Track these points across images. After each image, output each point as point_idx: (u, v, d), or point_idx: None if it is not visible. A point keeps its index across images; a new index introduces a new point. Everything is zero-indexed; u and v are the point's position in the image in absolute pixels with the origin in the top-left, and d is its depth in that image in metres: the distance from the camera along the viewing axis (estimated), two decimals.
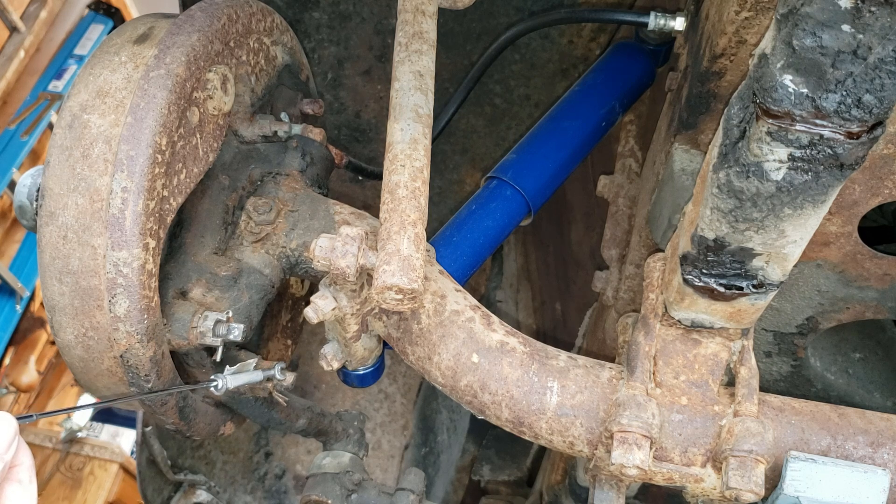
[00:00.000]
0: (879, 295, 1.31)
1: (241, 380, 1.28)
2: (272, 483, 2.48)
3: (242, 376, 1.28)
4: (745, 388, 1.16)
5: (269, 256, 1.35)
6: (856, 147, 0.87)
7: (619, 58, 1.77)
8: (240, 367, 1.29)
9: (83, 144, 1.16)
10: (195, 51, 1.22)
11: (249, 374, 1.29)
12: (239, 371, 1.28)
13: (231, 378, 1.26)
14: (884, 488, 1.09)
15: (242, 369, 1.29)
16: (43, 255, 1.16)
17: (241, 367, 1.30)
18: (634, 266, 1.54)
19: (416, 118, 1.25)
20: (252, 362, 1.31)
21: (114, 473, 5.32)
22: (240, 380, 1.27)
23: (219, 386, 1.25)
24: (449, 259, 1.54)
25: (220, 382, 1.25)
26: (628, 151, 1.80)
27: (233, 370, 1.28)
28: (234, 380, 1.27)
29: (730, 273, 1.06)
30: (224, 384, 1.25)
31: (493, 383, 1.21)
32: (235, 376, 1.27)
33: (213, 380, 1.25)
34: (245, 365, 1.30)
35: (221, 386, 1.25)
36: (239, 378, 1.27)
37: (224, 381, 1.25)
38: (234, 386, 1.26)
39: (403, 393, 2.69)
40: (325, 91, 2.26)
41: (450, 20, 2.11)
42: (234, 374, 1.27)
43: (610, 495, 1.25)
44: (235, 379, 1.27)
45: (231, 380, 1.26)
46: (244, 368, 1.29)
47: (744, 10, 1.04)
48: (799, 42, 0.80)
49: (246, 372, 1.29)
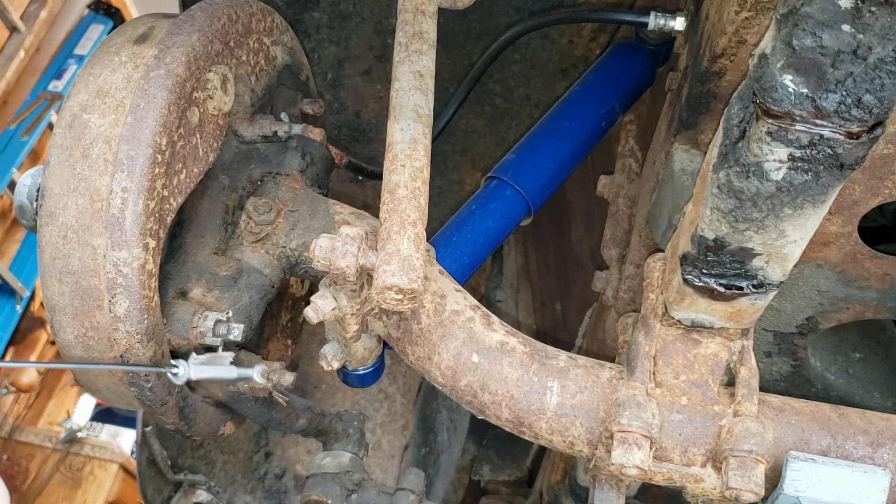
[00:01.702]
0: (879, 295, 1.31)
1: (207, 372, 1.17)
2: (272, 483, 2.48)
3: (210, 369, 1.18)
4: (745, 388, 1.16)
5: (269, 256, 1.35)
6: (856, 147, 0.87)
7: (619, 58, 1.77)
8: (210, 359, 1.19)
9: (83, 144, 1.16)
10: (195, 51, 1.22)
11: (219, 369, 1.19)
12: (209, 363, 1.18)
13: (195, 368, 1.16)
14: (884, 488, 1.09)
15: (214, 361, 1.19)
16: (43, 255, 1.16)
17: (213, 358, 1.20)
18: (634, 266, 1.54)
19: (416, 118, 1.25)
20: (228, 356, 1.21)
21: (114, 473, 5.33)
22: (206, 371, 1.17)
23: (179, 374, 1.15)
24: (449, 259, 1.54)
25: (182, 370, 1.15)
26: (628, 151, 1.80)
27: (201, 359, 1.18)
28: (199, 370, 1.16)
29: (730, 273, 1.06)
30: (186, 373, 1.15)
31: (493, 383, 1.21)
32: (201, 367, 1.17)
33: (175, 365, 1.15)
34: (218, 357, 1.20)
35: (182, 374, 1.15)
36: (205, 370, 1.17)
37: (186, 368, 1.15)
38: (197, 377, 1.16)
39: (403, 393, 2.69)
40: (325, 91, 2.26)
41: (450, 20, 2.11)
42: (200, 364, 1.17)
43: (610, 495, 1.25)
44: (201, 370, 1.17)
45: (195, 370, 1.16)
46: (216, 361, 1.19)
47: (744, 10, 1.04)
48: (799, 42, 0.80)
49: (217, 365, 1.19)
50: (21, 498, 5.26)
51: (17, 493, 5.26)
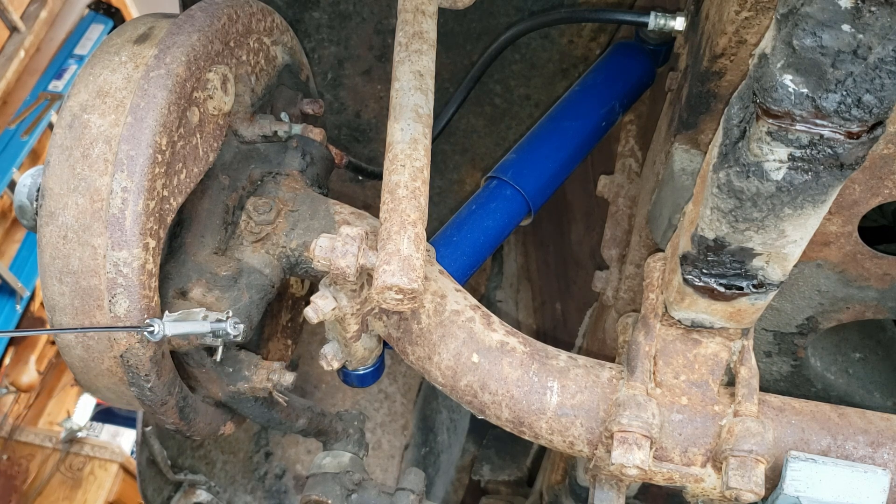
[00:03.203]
0: (879, 295, 1.31)
1: (182, 328, 1.17)
2: (272, 483, 2.48)
3: (185, 325, 1.17)
4: (746, 388, 1.16)
5: (269, 256, 1.35)
6: (856, 147, 0.87)
7: (619, 58, 1.77)
8: (183, 315, 1.19)
9: (83, 144, 1.16)
10: (195, 51, 1.22)
11: (193, 324, 1.18)
12: (182, 319, 1.18)
13: (170, 325, 1.16)
14: (884, 488, 1.09)
15: (187, 317, 1.18)
16: (43, 255, 1.16)
17: (186, 315, 1.19)
18: (634, 266, 1.54)
19: (416, 118, 1.25)
20: (201, 311, 1.21)
21: (114, 473, 5.33)
22: (181, 328, 1.17)
23: (155, 331, 1.15)
24: (449, 259, 1.54)
25: (157, 328, 1.15)
26: (628, 151, 1.80)
27: (174, 316, 1.17)
28: (175, 327, 1.16)
29: (730, 273, 1.06)
30: (161, 330, 1.15)
31: (493, 383, 1.21)
32: (176, 323, 1.16)
33: (150, 324, 1.15)
34: (190, 314, 1.20)
35: (158, 332, 1.15)
36: (180, 326, 1.16)
37: (161, 326, 1.15)
38: (172, 333, 1.16)
39: (403, 393, 2.69)
40: (325, 91, 2.26)
41: (450, 20, 2.11)
42: (174, 322, 1.16)
43: (610, 495, 1.25)
44: (176, 326, 1.16)
45: (170, 326, 1.15)
46: (189, 317, 1.19)
47: (744, 10, 1.04)
48: (799, 42, 0.80)
49: (191, 321, 1.18)
50: (21, 498, 5.26)
51: (17, 492, 5.26)
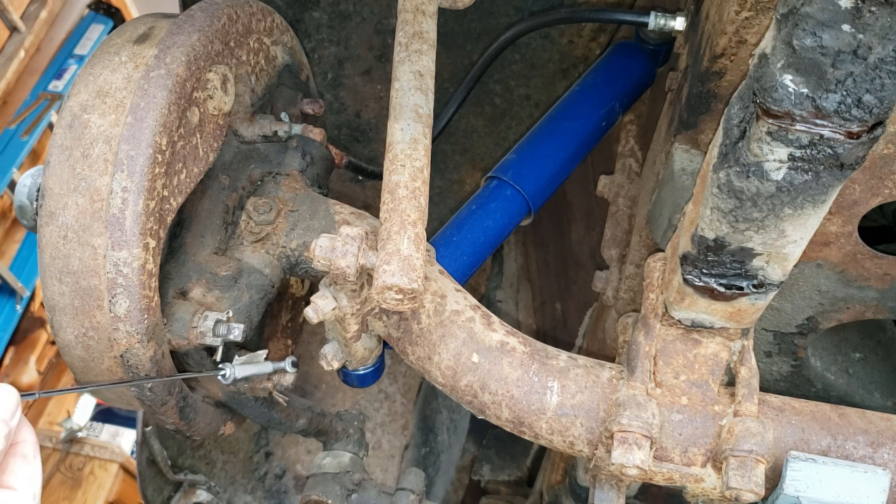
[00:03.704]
0: (879, 295, 1.31)
1: (249, 370, 1.28)
2: (272, 483, 2.48)
3: (251, 367, 1.29)
4: (746, 387, 1.16)
5: (269, 256, 1.35)
6: (856, 147, 0.87)
7: (619, 58, 1.77)
8: (249, 358, 1.30)
9: (83, 144, 1.16)
10: (195, 51, 1.22)
11: (259, 366, 1.30)
12: (249, 362, 1.29)
13: (240, 368, 1.27)
14: (884, 488, 1.09)
15: (252, 360, 1.30)
16: (43, 255, 1.16)
17: (251, 357, 1.30)
18: (634, 266, 1.54)
19: (416, 118, 1.25)
20: (262, 353, 1.32)
21: (114, 473, 5.32)
22: (248, 370, 1.28)
23: (227, 375, 1.25)
24: (449, 259, 1.54)
25: (229, 371, 1.26)
26: (628, 151, 1.80)
27: (242, 360, 1.28)
28: (243, 370, 1.27)
29: (730, 273, 1.06)
30: (232, 374, 1.26)
31: (493, 383, 1.21)
32: (244, 366, 1.28)
33: (222, 368, 1.25)
34: (255, 356, 1.31)
35: (229, 375, 1.26)
36: (247, 368, 1.28)
37: (232, 370, 1.26)
38: (242, 375, 1.27)
39: (403, 393, 2.69)
40: (325, 91, 2.26)
41: (450, 20, 2.11)
42: (243, 364, 1.28)
43: (610, 495, 1.25)
44: (244, 369, 1.27)
45: (240, 370, 1.27)
46: (254, 360, 1.30)
47: (744, 9, 1.04)
48: (799, 42, 0.80)
49: (255, 363, 1.30)
50: None
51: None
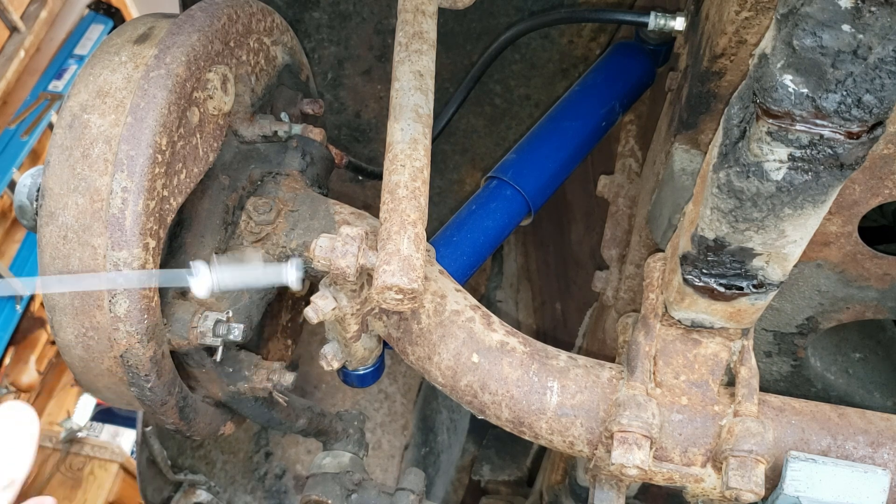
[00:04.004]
0: (879, 295, 1.31)
1: (236, 278, 1.21)
2: (272, 483, 2.48)
3: (238, 271, 1.22)
4: (746, 388, 1.16)
5: (269, 256, 1.35)
6: (856, 147, 0.87)
7: (619, 58, 1.77)
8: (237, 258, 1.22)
9: (83, 144, 1.16)
10: (195, 51, 1.22)
11: (249, 268, 1.23)
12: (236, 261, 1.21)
13: (222, 271, 1.18)
14: (884, 488, 1.09)
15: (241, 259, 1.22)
16: (43, 255, 1.16)
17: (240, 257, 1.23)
18: (634, 266, 1.54)
19: (416, 118, 1.25)
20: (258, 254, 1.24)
21: (114, 473, 5.32)
22: (235, 278, 1.21)
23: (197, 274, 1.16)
24: (449, 259, 1.54)
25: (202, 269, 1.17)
26: (628, 151, 1.80)
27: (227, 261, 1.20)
28: (227, 274, 1.19)
29: (730, 273, 1.06)
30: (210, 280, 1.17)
31: (493, 383, 1.21)
32: (229, 270, 1.20)
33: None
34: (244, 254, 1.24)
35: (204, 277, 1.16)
36: (234, 274, 1.20)
37: (209, 272, 1.17)
38: (225, 284, 1.19)
39: (403, 393, 2.69)
40: (325, 91, 2.26)
41: (450, 20, 2.11)
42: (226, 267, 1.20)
43: (610, 495, 1.25)
44: (228, 273, 1.19)
45: (222, 274, 1.18)
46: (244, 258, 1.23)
47: (744, 10, 1.04)
48: (799, 42, 0.80)
49: (244, 265, 1.23)
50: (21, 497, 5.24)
51: None
